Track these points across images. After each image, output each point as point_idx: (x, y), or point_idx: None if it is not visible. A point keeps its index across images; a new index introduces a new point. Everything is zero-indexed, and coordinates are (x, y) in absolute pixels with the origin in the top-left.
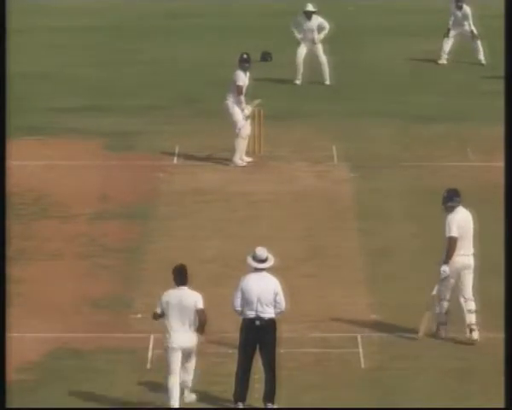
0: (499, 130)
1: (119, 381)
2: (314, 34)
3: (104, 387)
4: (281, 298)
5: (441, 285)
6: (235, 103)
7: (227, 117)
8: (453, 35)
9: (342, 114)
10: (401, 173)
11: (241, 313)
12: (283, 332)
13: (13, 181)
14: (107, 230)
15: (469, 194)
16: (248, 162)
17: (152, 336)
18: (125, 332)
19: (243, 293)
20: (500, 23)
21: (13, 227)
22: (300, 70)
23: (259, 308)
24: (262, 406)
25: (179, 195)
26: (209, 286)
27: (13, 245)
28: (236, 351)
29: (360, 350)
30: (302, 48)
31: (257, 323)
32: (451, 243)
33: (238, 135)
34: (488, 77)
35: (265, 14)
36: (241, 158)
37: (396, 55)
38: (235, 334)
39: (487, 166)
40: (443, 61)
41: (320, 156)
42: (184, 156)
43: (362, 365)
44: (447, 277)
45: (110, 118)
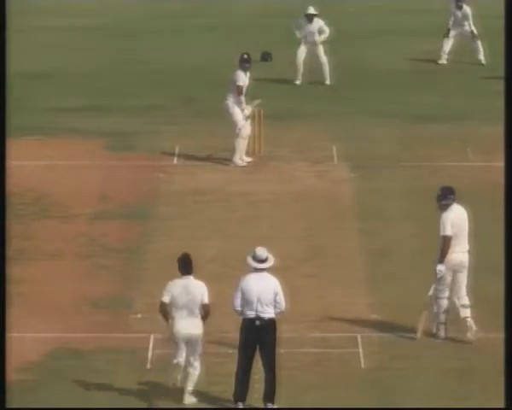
0: (499, 130)
1: (119, 381)
2: (315, 37)
3: (104, 387)
4: (281, 298)
5: (438, 285)
6: (235, 103)
7: (227, 117)
8: (453, 35)
9: (342, 114)
10: (401, 173)
11: (241, 313)
12: (283, 332)
13: (13, 181)
14: (107, 230)
15: (469, 194)
16: (248, 162)
17: (152, 336)
18: (125, 332)
19: (243, 293)
20: (500, 23)
21: (13, 227)
22: (300, 70)
23: (259, 308)
24: (262, 406)
25: (179, 195)
26: (209, 286)
27: (13, 245)
28: (236, 351)
29: (360, 350)
30: (302, 48)
31: (257, 323)
32: (445, 242)
33: (238, 135)
34: (488, 77)
35: (265, 14)
36: (241, 158)
37: (396, 55)
38: (235, 334)
39: (487, 166)
40: (443, 61)
41: (320, 156)
42: (184, 156)
43: (362, 365)
44: (443, 276)
45: (110, 118)
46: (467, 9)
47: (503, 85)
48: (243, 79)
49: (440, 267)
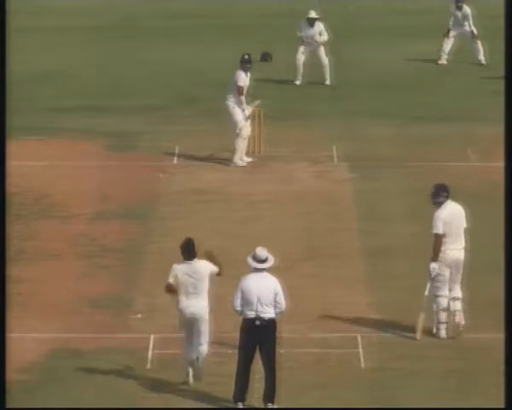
0: (499, 130)
1: (119, 381)
2: (316, 40)
3: (104, 387)
4: (281, 298)
5: (432, 283)
6: (235, 104)
7: (227, 117)
8: (453, 35)
9: (342, 114)
10: (401, 173)
11: (241, 313)
12: (283, 332)
13: (13, 181)
14: (107, 230)
15: (469, 194)
16: (248, 162)
17: (152, 336)
18: (125, 332)
19: (243, 293)
20: (500, 23)
21: (13, 227)
22: (300, 70)
23: (259, 308)
24: (262, 406)
25: (179, 195)
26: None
27: (13, 245)
28: (236, 351)
29: (360, 350)
30: (302, 50)
31: (257, 323)
32: (437, 240)
33: (238, 135)
34: (488, 77)
35: (265, 14)
36: (241, 158)
37: (396, 55)
38: (235, 334)
39: (487, 166)
40: (443, 61)
41: (320, 156)
42: (184, 156)
43: (362, 365)
44: (437, 274)
45: (110, 118)
46: (467, 10)
47: (503, 85)
48: (244, 80)
49: (433, 265)
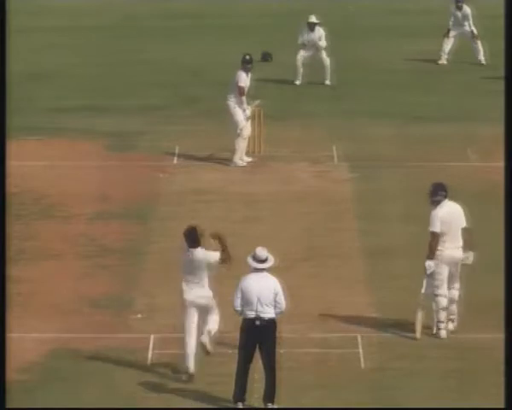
0: (499, 130)
1: (119, 381)
2: (316, 44)
3: (104, 387)
4: (281, 298)
5: (430, 281)
6: (236, 104)
7: (228, 117)
8: (453, 35)
9: (342, 114)
10: (401, 173)
11: (241, 313)
12: (283, 332)
13: (13, 181)
14: (107, 230)
15: (469, 194)
16: (249, 162)
17: (152, 336)
18: (125, 332)
19: (243, 293)
20: (500, 23)
21: (13, 227)
22: (300, 70)
23: (259, 308)
24: (262, 406)
25: (179, 195)
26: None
27: (13, 245)
28: (236, 351)
29: (360, 350)
30: (302, 53)
31: (257, 323)
32: (433, 238)
33: (239, 135)
34: (488, 77)
35: (265, 14)
36: (242, 158)
37: (396, 55)
38: (235, 334)
39: (487, 166)
40: (443, 61)
41: (320, 156)
42: (184, 156)
43: (362, 365)
44: (433, 272)
45: (110, 118)
46: (467, 10)
47: (503, 85)
48: (245, 80)
49: (429, 263)
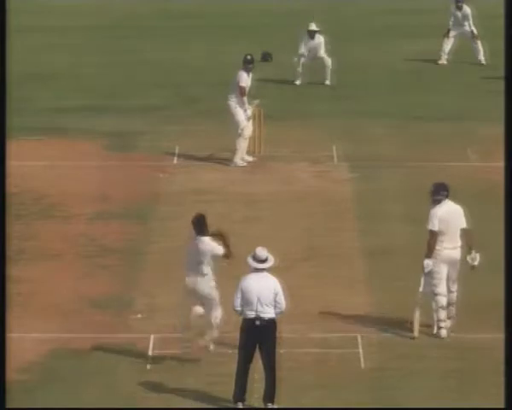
0: (499, 130)
1: (119, 381)
2: (316, 52)
3: (104, 387)
4: (281, 298)
5: (429, 280)
6: (237, 104)
7: (229, 117)
8: (453, 35)
9: (342, 114)
10: (401, 173)
11: (241, 313)
12: (283, 332)
13: (13, 181)
14: (107, 230)
15: (469, 194)
16: (250, 162)
17: (152, 336)
18: (125, 332)
19: (243, 293)
20: (500, 23)
21: (13, 227)
22: (300, 71)
23: (259, 308)
24: (262, 406)
25: (179, 195)
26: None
27: (13, 245)
28: (236, 351)
29: (360, 350)
30: (303, 59)
31: (257, 323)
32: (431, 237)
33: (240, 135)
34: (488, 77)
35: (265, 14)
36: (242, 158)
37: (396, 55)
38: (235, 334)
39: (487, 166)
40: (443, 61)
41: (320, 156)
42: (184, 156)
43: (362, 365)
44: (431, 271)
45: (110, 118)
46: (467, 10)
47: (503, 85)
48: (246, 80)
49: (427, 262)
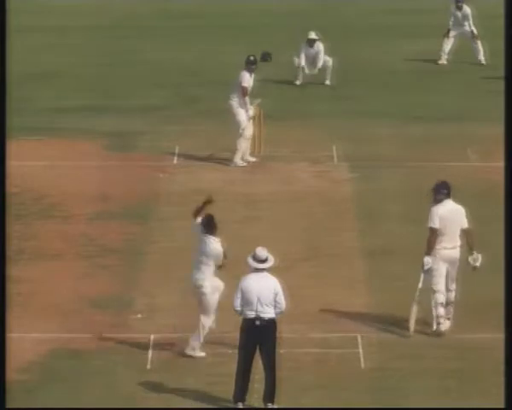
0: (499, 130)
1: (119, 381)
2: (316, 59)
3: (104, 387)
4: (281, 298)
5: (428, 277)
6: (239, 104)
7: (230, 117)
8: (453, 35)
9: (342, 114)
10: (401, 173)
11: (241, 313)
12: (283, 332)
13: (13, 181)
14: (107, 230)
15: (469, 194)
16: (251, 162)
17: (152, 336)
18: (125, 332)
19: (243, 293)
20: (500, 23)
21: (13, 227)
22: (301, 73)
23: (259, 308)
24: (262, 406)
25: (179, 195)
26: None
27: (13, 245)
28: (236, 351)
29: (360, 350)
30: (304, 70)
31: (257, 323)
32: (431, 234)
33: (241, 135)
34: (488, 77)
35: (265, 14)
36: (242, 158)
37: (396, 55)
38: (235, 334)
39: (487, 166)
40: (443, 61)
41: (320, 156)
42: (184, 156)
43: (362, 365)
44: (431, 268)
45: (110, 118)
46: (467, 10)
47: (503, 85)
48: (248, 81)
49: (427, 259)
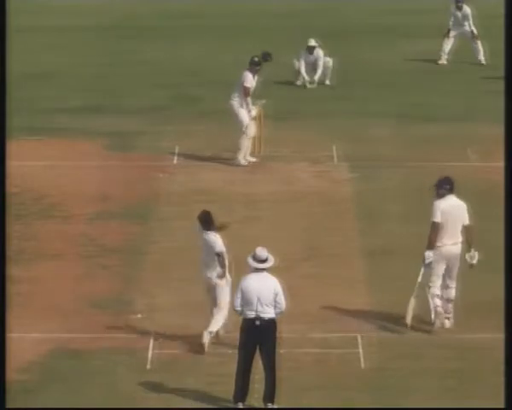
0: (499, 130)
1: (119, 381)
2: (316, 66)
3: (104, 387)
4: (281, 298)
5: (427, 271)
6: (240, 104)
7: (230, 117)
8: (453, 35)
9: (342, 114)
10: (401, 173)
11: (241, 313)
12: (283, 332)
13: (13, 181)
14: (107, 230)
15: (469, 194)
16: (251, 162)
17: (152, 336)
18: (125, 332)
19: (243, 293)
20: (500, 23)
21: (13, 227)
22: (300, 76)
23: (259, 308)
24: (262, 406)
25: (179, 195)
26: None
27: (13, 245)
28: (236, 351)
29: (360, 350)
30: (303, 70)
31: (257, 323)
32: (433, 228)
33: (244, 134)
34: (488, 77)
35: (265, 14)
36: (245, 157)
37: (396, 55)
38: (235, 334)
39: (487, 166)
40: (443, 61)
41: (320, 156)
42: (184, 156)
43: (362, 365)
44: (431, 262)
45: (110, 118)
46: (467, 10)
47: (503, 85)
48: (251, 81)
49: (428, 253)
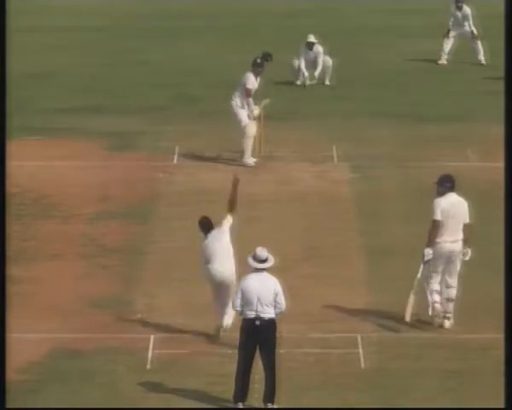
0: (499, 130)
1: (119, 381)
2: (316, 62)
3: (104, 387)
4: (281, 298)
5: (426, 269)
6: (240, 104)
7: (230, 117)
8: (453, 35)
9: (342, 114)
10: (401, 173)
11: (241, 313)
12: (283, 332)
13: (13, 181)
14: (107, 230)
15: (469, 194)
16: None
17: (152, 336)
18: (125, 332)
19: (243, 293)
20: (500, 23)
21: (13, 227)
22: (301, 72)
23: (259, 308)
24: (262, 406)
25: (179, 195)
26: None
27: (13, 245)
28: (236, 351)
29: (360, 350)
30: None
31: (257, 323)
32: (433, 226)
33: (245, 135)
34: (488, 77)
35: (265, 14)
36: (249, 157)
37: (396, 55)
38: (235, 334)
39: (487, 166)
40: (443, 61)
41: (320, 156)
42: (184, 156)
43: (362, 365)
44: (431, 259)
45: (110, 118)
46: (467, 10)
47: (503, 85)
48: (253, 83)
49: (428, 250)
